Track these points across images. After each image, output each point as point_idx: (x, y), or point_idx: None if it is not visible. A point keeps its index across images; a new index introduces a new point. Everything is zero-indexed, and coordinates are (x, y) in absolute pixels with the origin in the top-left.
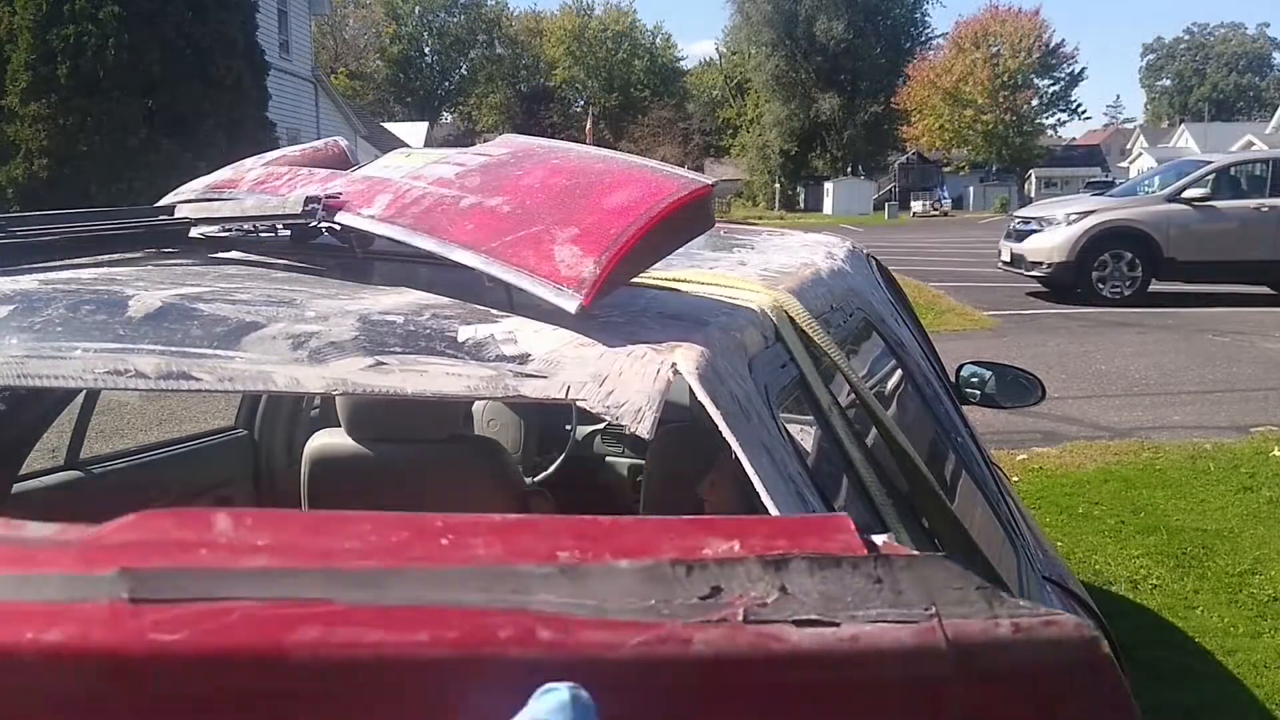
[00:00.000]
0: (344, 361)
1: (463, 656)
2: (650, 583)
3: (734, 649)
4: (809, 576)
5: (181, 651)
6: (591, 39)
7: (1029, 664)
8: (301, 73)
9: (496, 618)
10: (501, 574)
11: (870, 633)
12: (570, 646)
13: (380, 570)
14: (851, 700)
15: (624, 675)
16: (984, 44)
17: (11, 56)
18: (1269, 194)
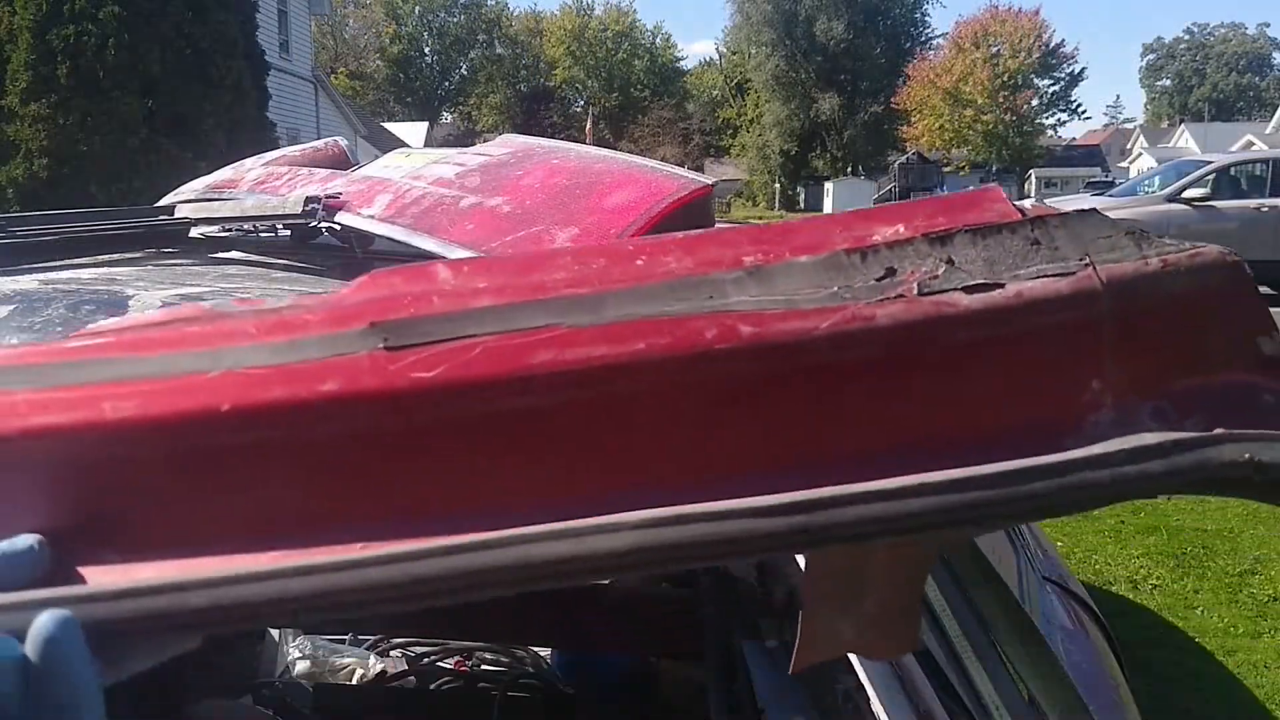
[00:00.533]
0: None
1: (678, 356)
2: (830, 271)
3: (912, 319)
4: (972, 247)
5: (440, 384)
6: (591, 39)
7: (1178, 292)
8: (301, 73)
9: (700, 321)
10: (697, 283)
11: (1032, 288)
12: (769, 336)
13: (592, 294)
14: (1023, 349)
15: (819, 356)
16: (984, 44)
17: (11, 56)
18: (1269, 194)
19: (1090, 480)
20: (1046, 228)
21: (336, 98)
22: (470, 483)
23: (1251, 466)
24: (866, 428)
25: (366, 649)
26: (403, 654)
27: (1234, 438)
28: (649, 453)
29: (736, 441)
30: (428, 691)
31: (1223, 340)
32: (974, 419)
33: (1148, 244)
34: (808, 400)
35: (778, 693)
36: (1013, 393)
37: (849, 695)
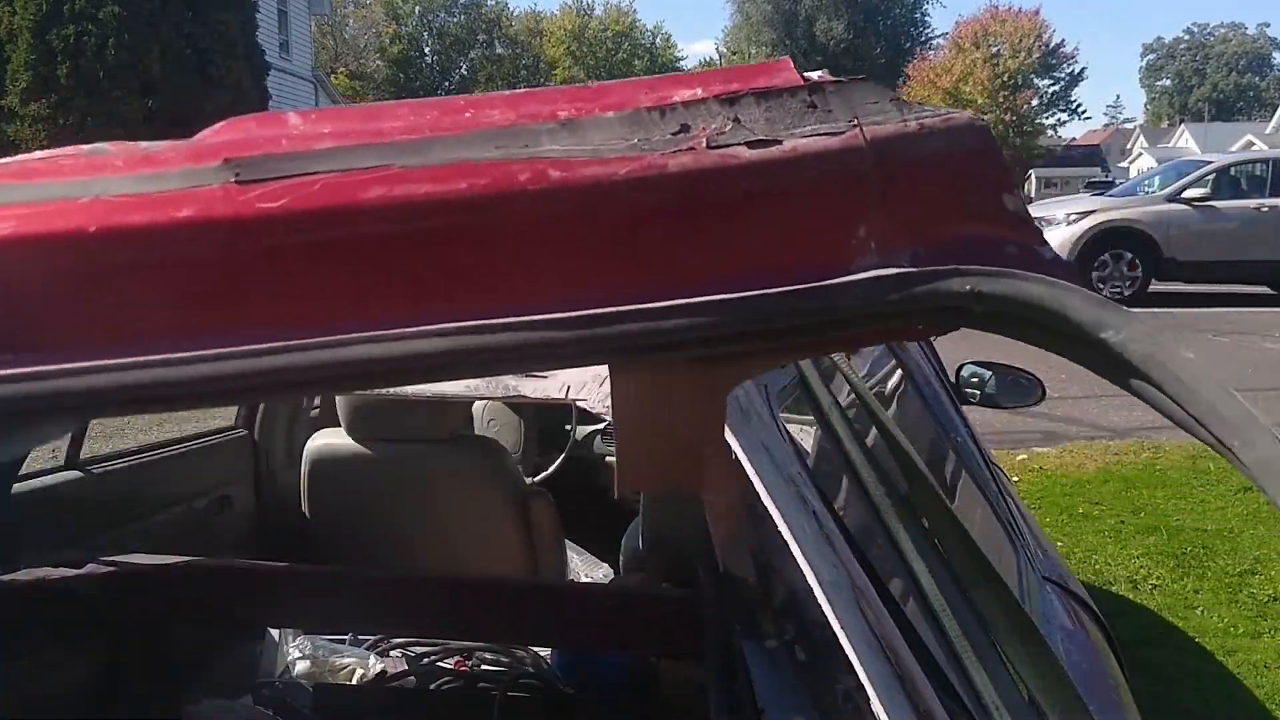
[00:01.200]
0: None
1: (493, 195)
2: (633, 125)
3: (700, 168)
4: (756, 107)
5: (284, 214)
6: (591, 39)
7: (932, 152)
8: (301, 73)
9: (516, 165)
10: (516, 133)
11: (805, 144)
12: (575, 180)
13: (422, 139)
14: (798, 198)
15: (618, 199)
16: (984, 44)
17: (11, 56)
18: (1269, 194)
19: (834, 304)
20: (823, 93)
21: (336, 98)
22: (309, 299)
23: (973, 296)
24: (658, 264)
25: (366, 649)
26: (403, 654)
27: (961, 272)
28: (467, 278)
29: (544, 272)
30: (428, 691)
31: (972, 196)
32: (754, 259)
33: (909, 109)
34: (607, 238)
35: (778, 693)
36: (789, 236)
37: (849, 695)
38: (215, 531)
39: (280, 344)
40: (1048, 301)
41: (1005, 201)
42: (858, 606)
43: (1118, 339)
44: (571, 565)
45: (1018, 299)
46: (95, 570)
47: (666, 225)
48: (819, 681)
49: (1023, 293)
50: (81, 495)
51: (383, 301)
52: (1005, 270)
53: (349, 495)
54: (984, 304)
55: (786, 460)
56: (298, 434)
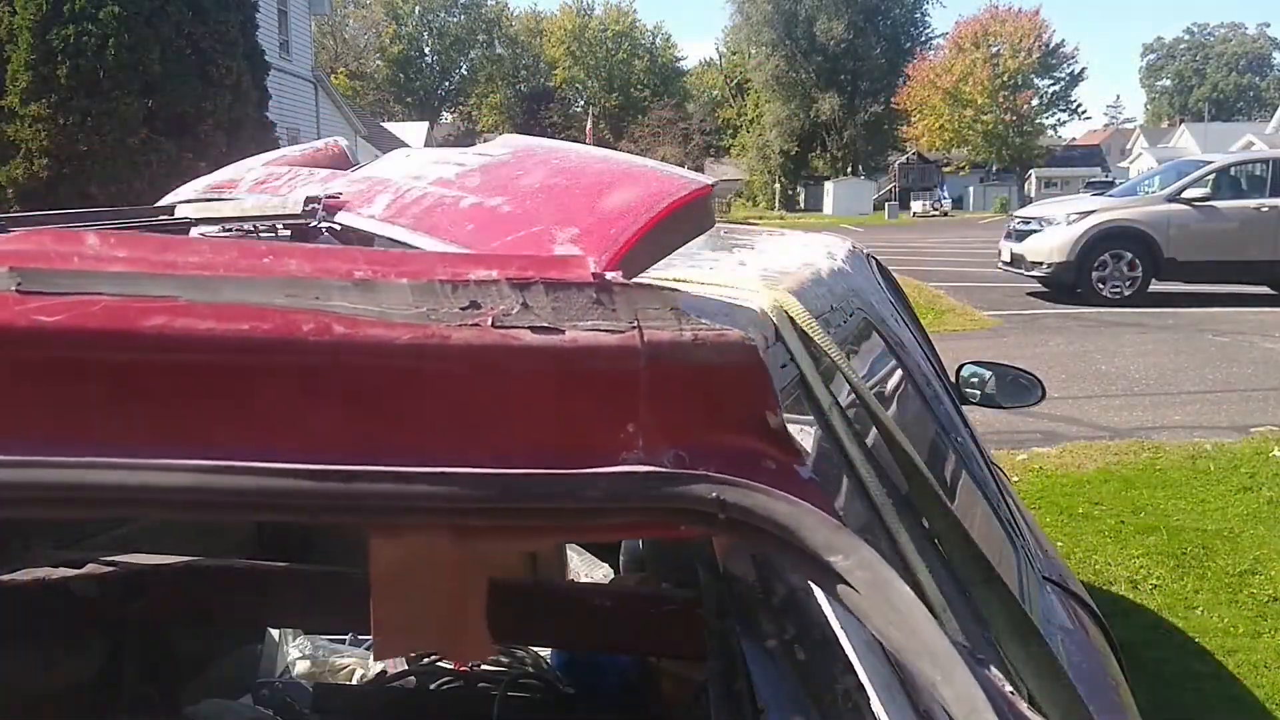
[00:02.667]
0: None
1: (274, 340)
2: (424, 295)
3: (482, 344)
4: (545, 295)
5: (59, 329)
6: (591, 39)
7: (704, 362)
8: (302, 73)
9: (301, 315)
10: (308, 284)
11: (586, 336)
12: (357, 337)
13: (214, 276)
14: (571, 387)
15: (398, 360)
16: (984, 44)
17: (11, 56)
18: (1269, 194)
19: (581, 494)
20: (609, 292)
21: (336, 98)
22: (71, 418)
23: (717, 504)
24: (428, 432)
25: (366, 649)
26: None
27: (709, 479)
28: (232, 421)
29: (309, 425)
30: (428, 691)
31: (737, 408)
32: (524, 439)
33: (687, 319)
34: (381, 399)
35: (778, 693)
36: (560, 423)
37: (849, 695)
38: (215, 531)
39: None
40: (785, 519)
41: (768, 418)
42: None
43: (844, 564)
44: (571, 565)
45: (757, 512)
46: (95, 570)
47: (442, 395)
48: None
49: (762, 507)
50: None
51: (142, 431)
52: (750, 484)
53: None
54: (727, 512)
55: None
56: None
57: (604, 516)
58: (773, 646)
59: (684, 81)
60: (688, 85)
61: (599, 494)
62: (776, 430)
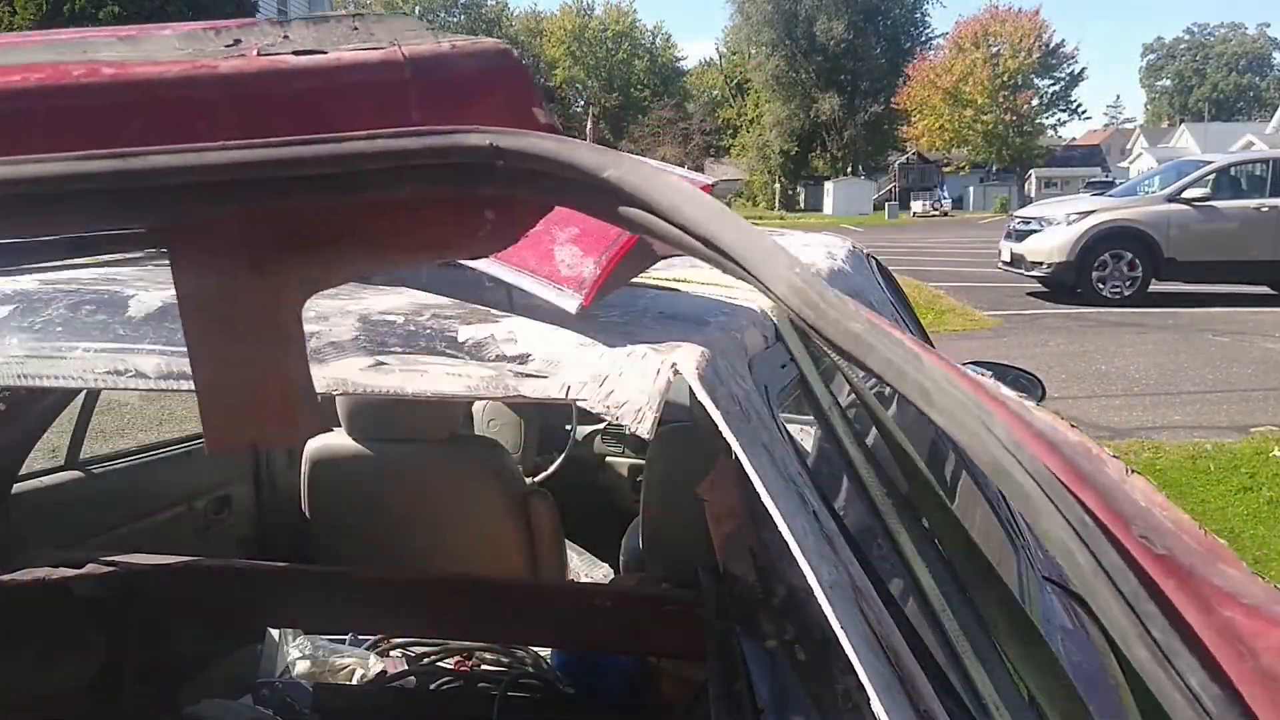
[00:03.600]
0: (344, 361)
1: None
2: (189, 41)
3: (250, 70)
4: (306, 29)
5: None
6: (591, 39)
7: (466, 69)
8: None
9: (71, 66)
10: (72, 43)
11: (349, 55)
12: (128, 75)
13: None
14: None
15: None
16: (984, 44)
17: None
18: (1269, 194)
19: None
20: (365, 20)
21: None
22: None
23: (493, 151)
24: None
25: (366, 649)
26: (403, 654)
27: (480, 130)
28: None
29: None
30: (428, 691)
31: (504, 110)
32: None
33: (443, 36)
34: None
35: (778, 693)
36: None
37: (849, 695)
38: (215, 531)
39: None
40: (557, 153)
41: (535, 114)
42: (858, 607)
43: (616, 174)
44: (571, 565)
45: (530, 152)
46: (95, 570)
47: (213, 118)
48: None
49: (535, 147)
50: (81, 495)
51: None
52: (521, 130)
53: (349, 495)
54: (504, 158)
55: (786, 460)
56: None
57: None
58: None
59: (684, 81)
60: (688, 85)
61: (375, 149)
62: (547, 124)
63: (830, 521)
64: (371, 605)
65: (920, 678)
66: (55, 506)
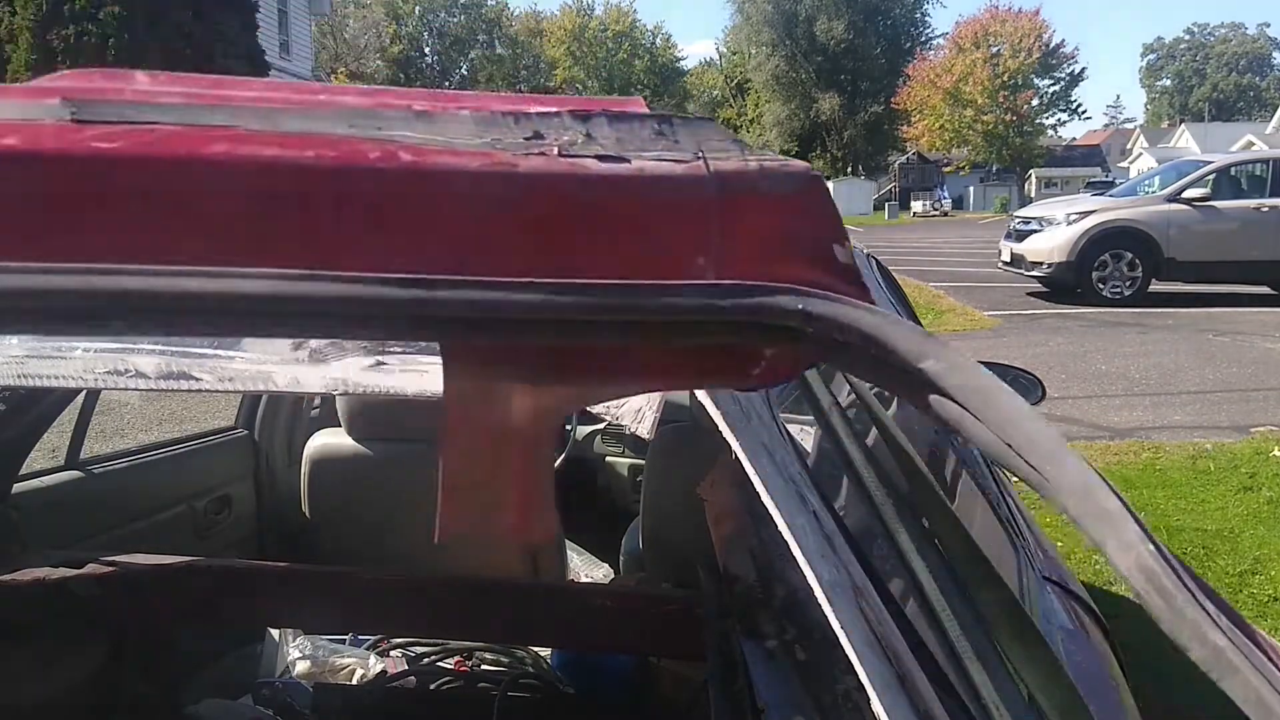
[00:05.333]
0: (344, 361)
1: (342, 168)
2: (487, 125)
3: (550, 172)
4: (608, 127)
5: (117, 155)
6: (592, 39)
7: (769, 192)
8: (302, 73)
9: (366, 144)
10: (369, 114)
11: (652, 166)
12: (425, 164)
13: (272, 108)
14: (639, 216)
15: (466, 184)
16: (984, 44)
17: (11, 57)
18: (1269, 194)
19: (670, 304)
20: (670, 124)
21: None
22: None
23: (803, 315)
24: (497, 258)
25: (366, 649)
26: (403, 654)
27: (793, 290)
28: (307, 241)
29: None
30: (428, 691)
31: (804, 241)
32: (596, 264)
33: (749, 150)
34: (451, 224)
35: (778, 693)
36: (628, 252)
37: (849, 695)
38: (215, 531)
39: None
40: (872, 329)
41: (835, 251)
42: (858, 606)
43: (937, 368)
44: (571, 565)
45: (843, 322)
46: (95, 570)
47: (510, 222)
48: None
49: (848, 318)
50: (81, 495)
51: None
52: (837, 296)
53: (349, 495)
54: (813, 324)
55: (786, 460)
56: (298, 434)
57: (688, 333)
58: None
59: (684, 81)
60: (688, 85)
61: (688, 305)
62: (845, 264)
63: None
64: (371, 605)
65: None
66: (55, 506)
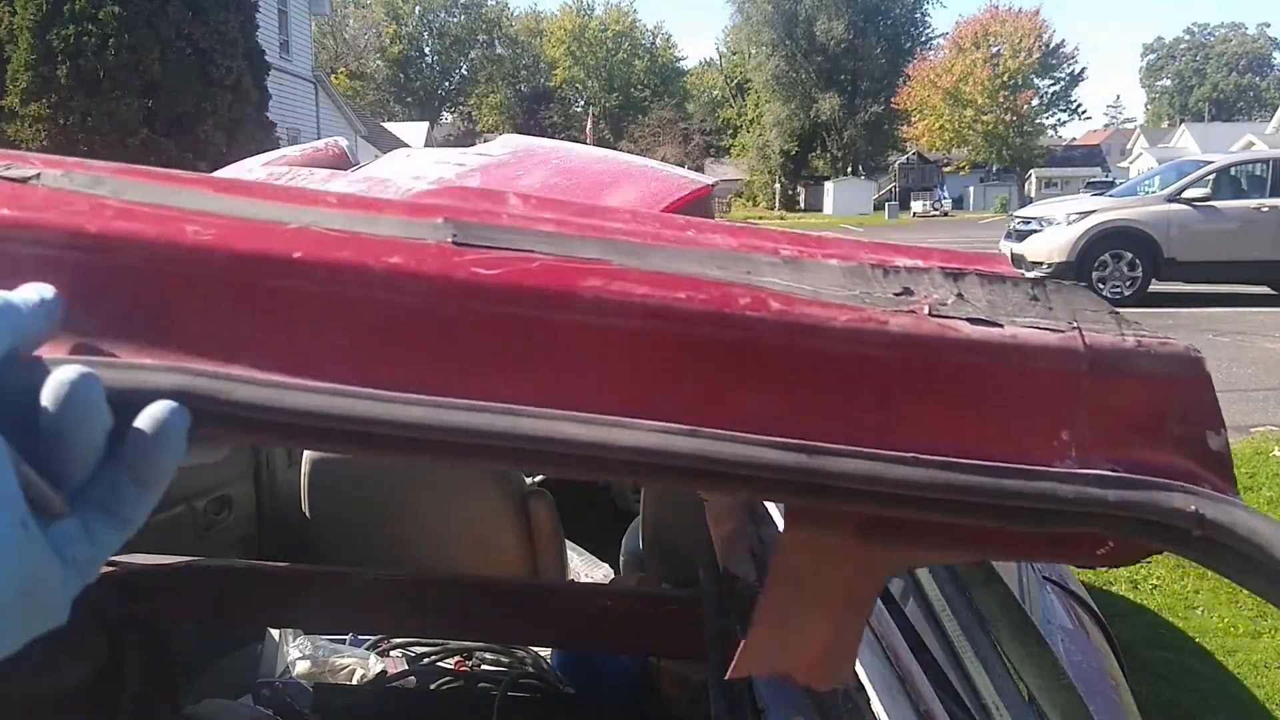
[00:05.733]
0: None
1: (711, 312)
2: (855, 277)
3: (920, 333)
4: (980, 288)
5: (497, 284)
6: (591, 39)
7: (1145, 370)
8: (302, 73)
9: (736, 288)
10: (737, 257)
11: (1026, 333)
12: (794, 315)
13: (643, 244)
14: (1008, 383)
15: (835, 342)
16: (984, 44)
17: (11, 57)
18: (1269, 194)
19: (1054, 492)
20: (1044, 289)
21: (337, 98)
22: (504, 371)
23: (1195, 518)
24: (866, 415)
25: (366, 649)
26: (403, 654)
27: (1185, 489)
28: (676, 387)
29: (754, 398)
30: (428, 691)
31: (1177, 424)
32: (954, 435)
33: (1126, 325)
34: (816, 379)
35: (778, 693)
36: (992, 422)
37: (849, 695)
38: (215, 531)
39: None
40: (1269, 539)
41: (1209, 439)
42: None
43: None
44: (571, 565)
45: (1238, 531)
46: None
47: (875, 381)
48: None
49: (1244, 525)
50: None
51: (581, 390)
52: (1230, 499)
53: (349, 495)
54: (1204, 528)
55: None
56: None
57: (1060, 521)
58: None
59: (684, 81)
60: (688, 85)
61: (1067, 493)
62: (1218, 453)
63: None
64: (371, 605)
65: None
66: None
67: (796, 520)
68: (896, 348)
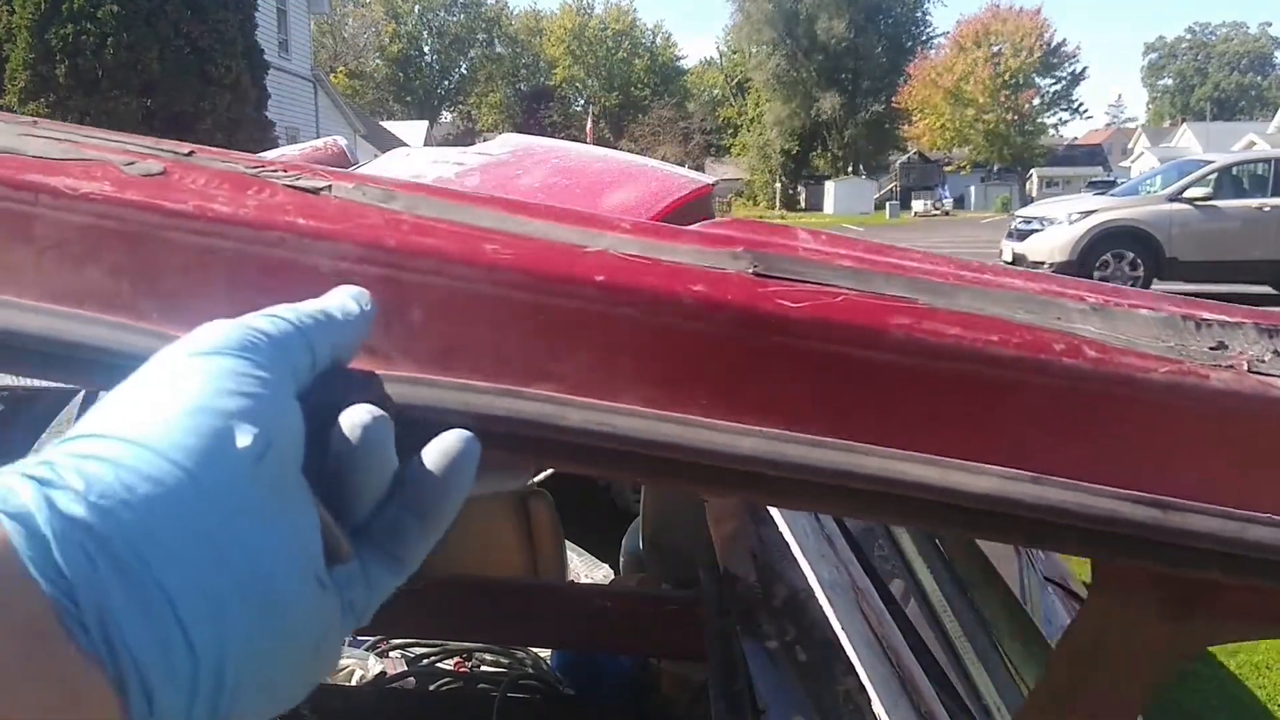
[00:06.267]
0: None
1: (1025, 357)
2: (1168, 329)
3: (1240, 390)
4: None
5: (805, 317)
6: (591, 38)
7: None
8: (301, 72)
9: (1049, 334)
10: (1045, 303)
11: None
12: (1111, 365)
13: (946, 284)
14: None
15: (1154, 394)
16: (985, 43)
17: (10, 56)
18: (1271, 194)
19: None
20: None
21: (335, 97)
22: (798, 405)
23: None
24: (1189, 471)
25: (366, 649)
26: (403, 654)
27: None
28: (982, 431)
29: (1066, 448)
30: (428, 692)
31: None
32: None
33: None
34: (1129, 433)
35: (778, 693)
36: None
37: (849, 695)
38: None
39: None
40: None
41: None
42: (858, 607)
43: None
44: (571, 565)
45: None
46: None
47: (1196, 436)
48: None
49: None
50: None
51: (880, 431)
52: None
53: None
54: None
55: None
56: None
57: None
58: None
59: (684, 80)
60: (688, 84)
61: None
62: None
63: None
64: None
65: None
66: None
67: (1109, 585)
68: (1214, 404)
